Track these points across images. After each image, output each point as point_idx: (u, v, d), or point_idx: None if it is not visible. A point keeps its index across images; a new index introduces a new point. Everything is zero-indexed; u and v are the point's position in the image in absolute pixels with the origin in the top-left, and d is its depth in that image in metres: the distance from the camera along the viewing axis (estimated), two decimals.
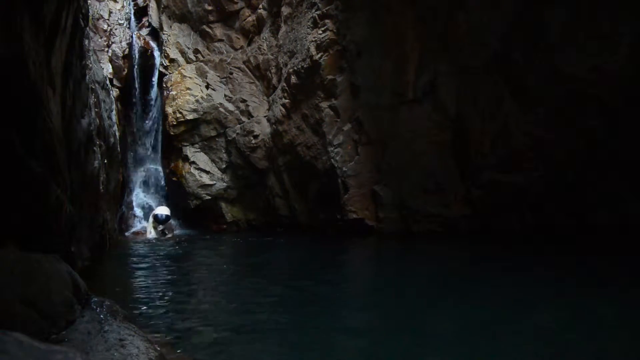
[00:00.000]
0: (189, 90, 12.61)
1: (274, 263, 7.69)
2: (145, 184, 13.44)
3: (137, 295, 4.88)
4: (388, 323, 3.87)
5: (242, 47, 12.63)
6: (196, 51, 13.04)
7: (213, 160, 12.79)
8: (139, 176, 13.47)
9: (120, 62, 12.53)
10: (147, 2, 14.24)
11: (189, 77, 12.72)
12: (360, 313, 4.27)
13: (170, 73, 13.05)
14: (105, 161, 8.37)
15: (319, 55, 9.86)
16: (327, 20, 9.84)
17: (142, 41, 13.68)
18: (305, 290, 5.04)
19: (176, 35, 13.14)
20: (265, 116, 11.97)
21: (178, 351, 3.09)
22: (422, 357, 3.08)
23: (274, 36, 11.72)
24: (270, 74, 11.89)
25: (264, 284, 5.55)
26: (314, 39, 9.94)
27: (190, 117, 12.53)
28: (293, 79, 10.54)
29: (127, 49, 12.83)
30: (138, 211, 13.10)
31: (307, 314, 4.13)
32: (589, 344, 3.20)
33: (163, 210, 11.43)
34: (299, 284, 5.44)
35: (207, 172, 12.71)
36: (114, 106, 10.64)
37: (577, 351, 3.08)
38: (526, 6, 8.54)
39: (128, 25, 13.47)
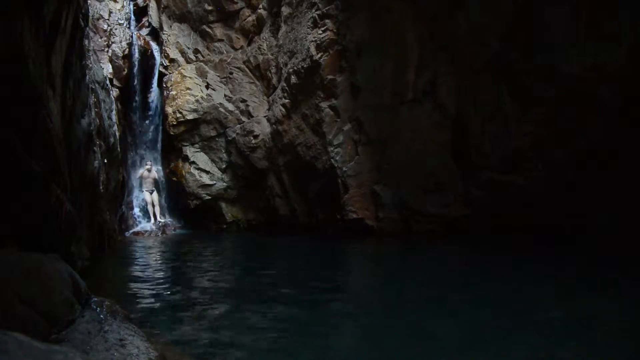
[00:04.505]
0: (189, 90, 12.61)
1: (274, 263, 7.69)
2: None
3: (137, 295, 4.88)
4: (388, 324, 3.86)
5: (242, 47, 12.63)
6: (196, 51, 13.04)
7: (213, 160, 12.79)
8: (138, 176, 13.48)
9: (120, 62, 12.53)
10: (147, 2, 14.24)
11: (189, 77, 12.72)
12: (360, 314, 4.27)
13: (170, 73, 13.05)
14: (105, 161, 8.38)
15: (319, 55, 9.86)
16: (327, 20, 9.83)
17: (142, 41, 13.68)
18: (306, 291, 5.04)
19: (176, 35, 13.14)
20: (265, 116, 11.97)
21: (178, 351, 3.09)
22: (423, 357, 3.08)
23: (274, 36, 11.71)
24: (270, 74, 11.89)
25: (264, 284, 5.55)
26: (314, 39, 9.94)
27: (190, 117, 12.53)
28: (293, 79, 10.54)
29: (127, 49, 12.83)
30: (138, 211, 13.11)
31: (307, 315, 4.13)
32: (589, 344, 3.20)
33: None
34: (299, 285, 5.44)
35: (207, 172, 12.72)
36: (114, 106, 10.65)
37: (577, 352, 3.08)
38: (526, 6, 8.54)
39: (128, 25, 13.47)
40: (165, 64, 13.18)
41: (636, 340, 3.27)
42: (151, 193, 12.90)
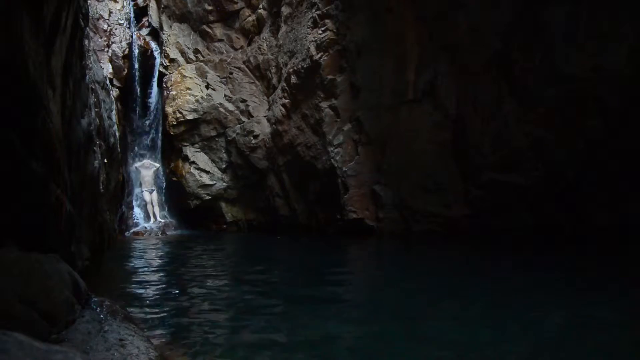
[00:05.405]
0: (189, 90, 12.61)
1: (274, 263, 7.69)
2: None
3: (137, 295, 4.88)
4: (387, 324, 3.86)
5: (242, 47, 12.63)
6: (196, 51, 13.04)
7: (213, 160, 12.79)
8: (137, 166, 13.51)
9: (120, 62, 12.55)
10: (147, 2, 14.24)
11: (189, 77, 12.73)
12: (360, 314, 4.27)
13: (170, 73, 13.05)
14: (105, 161, 8.37)
15: (319, 55, 9.86)
16: (327, 20, 9.84)
17: (142, 41, 13.69)
18: (306, 291, 5.05)
19: (176, 35, 13.14)
20: (265, 116, 11.97)
21: (178, 351, 3.09)
22: (423, 358, 3.08)
23: (274, 36, 11.71)
24: (270, 74, 11.89)
25: (264, 285, 5.55)
26: (314, 39, 9.94)
27: (190, 117, 12.54)
28: (293, 79, 10.54)
29: (127, 49, 12.84)
30: (138, 211, 13.12)
31: (308, 315, 4.12)
32: (589, 344, 3.20)
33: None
34: (300, 285, 5.44)
35: (207, 172, 12.72)
36: (114, 106, 10.65)
37: (577, 352, 3.08)
38: (526, 6, 8.54)
39: (128, 25, 13.48)
40: (165, 64, 13.19)
41: (636, 340, 3.27)
42: (150, 192, 12.93)
